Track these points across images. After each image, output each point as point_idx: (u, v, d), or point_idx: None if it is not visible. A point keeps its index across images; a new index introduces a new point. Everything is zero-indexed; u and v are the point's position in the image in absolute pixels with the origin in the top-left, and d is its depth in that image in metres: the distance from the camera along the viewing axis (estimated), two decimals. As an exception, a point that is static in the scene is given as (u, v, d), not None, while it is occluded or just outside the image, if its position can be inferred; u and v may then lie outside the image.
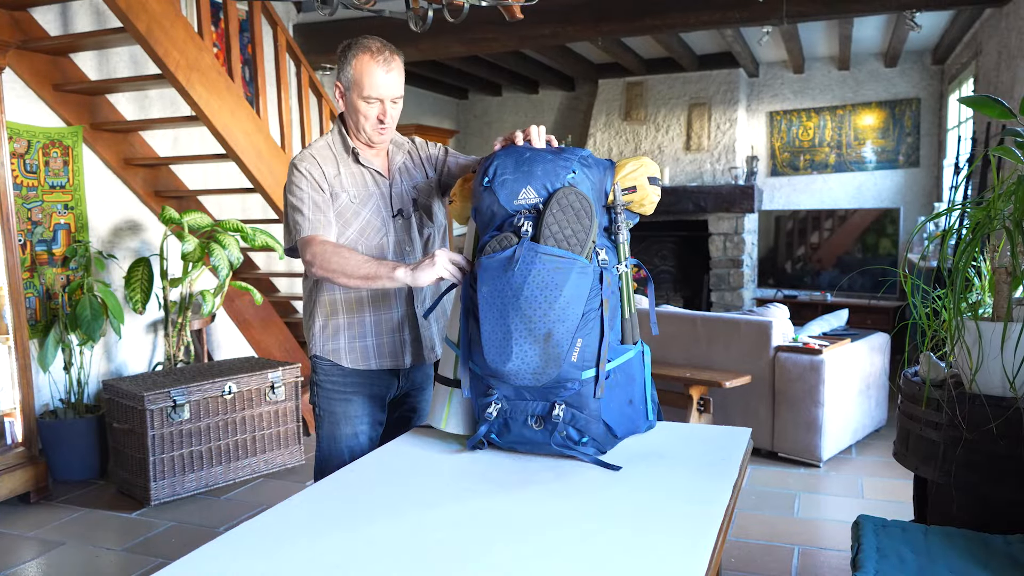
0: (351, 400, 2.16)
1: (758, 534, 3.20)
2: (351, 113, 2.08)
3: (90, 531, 3.38)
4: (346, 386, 2.16)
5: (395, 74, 2.05)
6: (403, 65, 2.09)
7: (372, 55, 2.01)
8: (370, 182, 2.13)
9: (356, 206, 2.09)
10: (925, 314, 2.39)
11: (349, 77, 2.04)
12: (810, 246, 7.24)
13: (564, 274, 1.66)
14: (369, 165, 2.13)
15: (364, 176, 2.12)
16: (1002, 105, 2.29)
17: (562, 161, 1.77)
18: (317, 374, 2.17)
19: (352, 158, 2.12)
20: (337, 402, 2.16)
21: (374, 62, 2.01)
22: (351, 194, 2.09)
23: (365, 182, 2.12)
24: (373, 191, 2.12)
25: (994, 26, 5.05)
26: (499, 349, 1.69)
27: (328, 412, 2.17)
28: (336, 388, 2.15)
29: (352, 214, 2.08)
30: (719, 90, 7.32)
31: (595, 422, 1.74)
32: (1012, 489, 2.14)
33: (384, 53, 2.03)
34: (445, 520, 1.49)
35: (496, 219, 1.77)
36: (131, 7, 3.62)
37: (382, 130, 2.08)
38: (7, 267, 3.56)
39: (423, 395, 2.32)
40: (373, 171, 2.13)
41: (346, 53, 2.05)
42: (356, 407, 2.17)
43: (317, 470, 2.19)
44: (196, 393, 3.71)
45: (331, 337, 2.14)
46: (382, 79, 2.02)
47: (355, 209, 2.09)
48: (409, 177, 2.20)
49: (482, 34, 5.31)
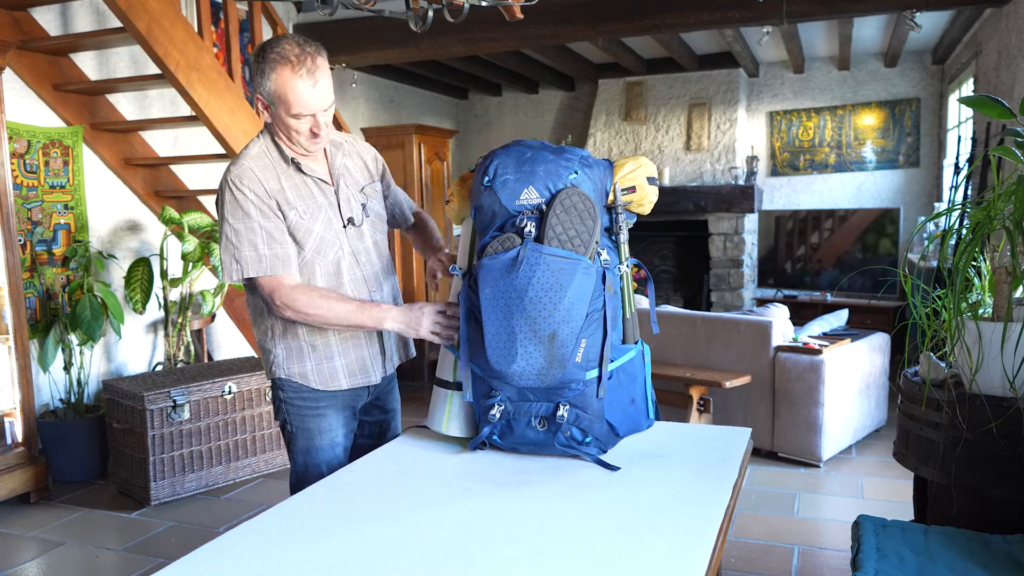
0: (325, 415, 2.03)
1: (758, 534, 3.20)
2: (281, 127, 1.89)
3: (90, 531, 3.38)
4: (318, 400, 2.02)
5: (322, 84, 1.83)
6: (327, 65, 1.86)
7: (293, 68, 1.78)
8: (316, 192, 1.95)
9: (307, 222, 1.92)
10: (925, 314, 2.39)
11: (270, 91, 1.83)
12: (810, 246, 7.24)
13: (568, 275, 1.67)
14: (312, 173, 1.95)
15: (309, 186, 1.95)
16: (1002, 105, 2.29)
17: (564, 161, 1.76)
18: (284, 391, 2.02)
19: (293, 167, 1.93)
20: (310, 418, 2.02)
21: (296, 77, 1.79)
22: (300, 210, 1.91)
23: (312, 193, 1.95)
24: (321, 202, 1.95)
25: (994, 26, 5.05)
26: (503, 350, 1.69)
27: (301, 429, 2.02)
28: (307, 404, 2.02)
29: (304, 232, 1.91)
30: (719, 90, 7.32)
31: (598, 422, 1.75)
32: (1012, 489, 2.14)
33: (305, 63, 1.79)
34: (445, 520, 1.49)
35: (497, 219, 1.77)
36: (131, 7, 3.62)
37: (316, 140, 1.90)
38: (7, 267, 3.56)
39: (391, 395, 2.25)
40: (316, 179, 1.96)
41: (263, 62, 1.81)
42: (330, 420, 2.04)
43: (293, 485, 2.04)
44: (196, 393, 3.71)
45: (296, 360, 1.99)
46: (308, 94, 1.81)
47: (307, 226, 1.92)
48: (353, 180, 2.05)
49: (482, 34, 5.31)
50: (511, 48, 5.69)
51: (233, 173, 1.88)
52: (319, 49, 1.85)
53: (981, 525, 2.15)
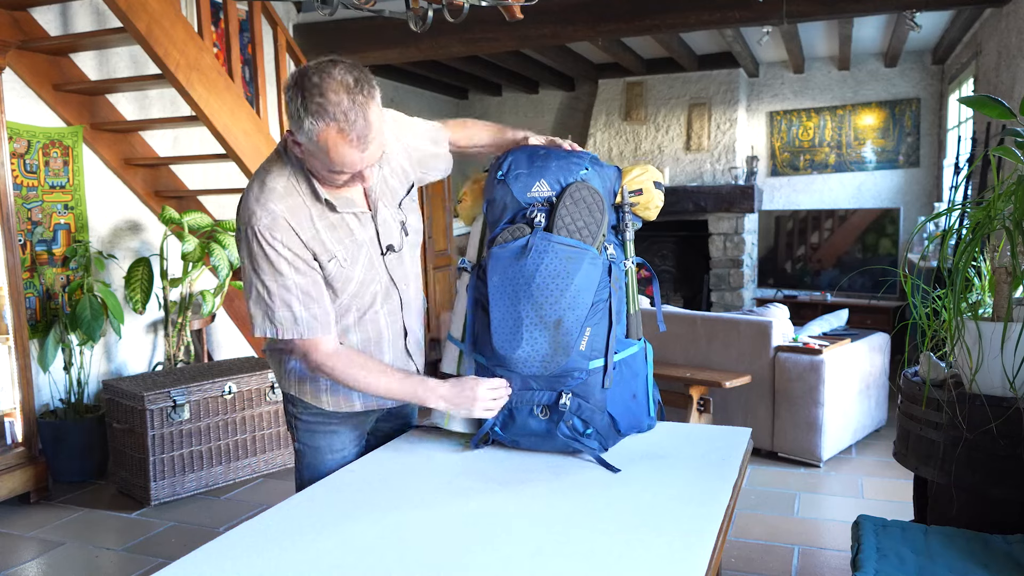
0: (336, 432, 1.90)
1: (758, 534, 3.20)
2: (317, 169, 1.62)
3: (90, 531, 3.38)
4: (329, 420, 1.88)
5: (374, 145, 1.55)
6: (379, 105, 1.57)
7: (342, 133, 1.50)
8: (356, 227, 1.71)
9: (347, 270, 1.70)
10: (925, 314, 2.39)
11: (312, 144, 1.54)
12: (810, 246, 7.24)
13: (576, 263, 1.71)
14: (348, 209, 1.70)
15: (347, 223, 1.70)
16: (1002, 105, 2.29)
17: (575, 158, 1.85)
18: (296, 407, 1.89)
19: (326, 207, 1.67)
20: (320, 435, 1.90)
21: (345, 143, 1.51)
22: (339, 258, 1.68)
23: (350, 230, 1.70)
24: (361, 239, 1.72)
25: (994, 26, 5.05)
26: (509, 336, 1.72)
27: (310, 447, 1.90)
28: (319, 422, 1.89)
29: (344, 280, 1.71)
30: (719, 90, 7.32)
31: (600, 413, 1.77)
32: (1012, 489, 2.14)
33: (356, 126, 1.50)
34: (445, 519, 1.49)
35: (508, 211, 1.83)
36: (131, 7, 3.62)
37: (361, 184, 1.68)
38: (7, 267, 3.56)
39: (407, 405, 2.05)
40: (353, 213, 1.72)
41: (303, 106, 1.50)
42: (342, 438, 1.91)
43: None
44: (196, 393, 3.71)
45: (310, 380, 1.83)
46: (356, 158, 1.55)
47: (347, 274, 1.70)
48: (392, 197, 1.80)
49: (482, 34, 5.31)
50: (511, 48, 5.69)
51: (262, 222, 1.60)
52: (370, 94, 1.53)
53: (981, 525, 2.15)
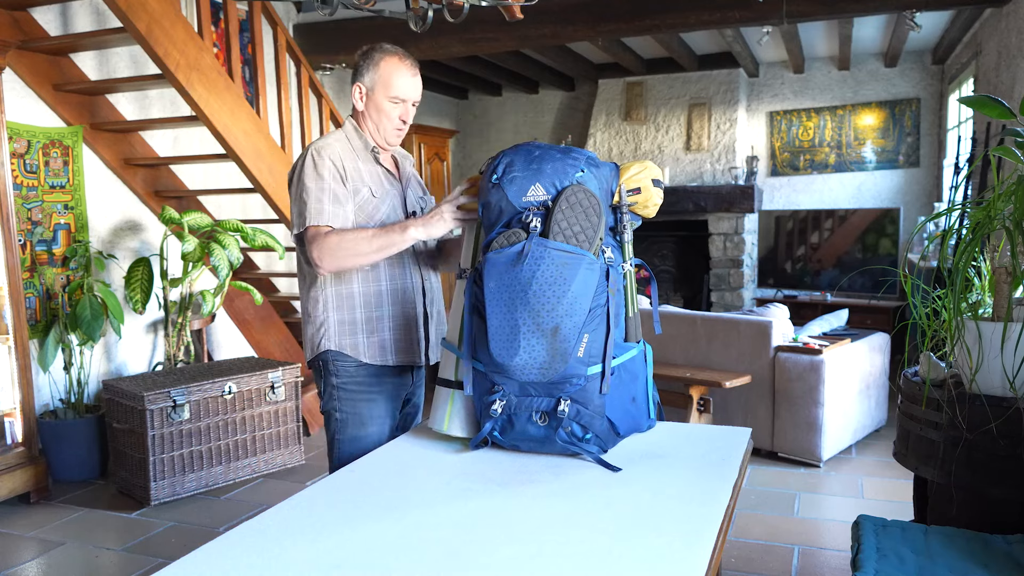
0: (375, 400, 2.15)
1: (758, 534, 3.20)
2: (373, 113, 2.14)
3: (90, 531, 3.38)
4: (371, 386, 2.14)
5: (418, 79, 2.17)
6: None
7: (400, 58, 2.13)
8: (387, 183, 2.18)
9: (377, 201, 2.12)
10: (925, 314, 2.39)
11: (375, 77, 2.12)
12: (810, 246, 7.24)
13: (573, 269, 1.69)
14: (387, 165, 2.20)
15: (380, 176, 2.17)
16: (1002, 105, 2.29)
17: (571, 160, 1.80)
18: (338, 376, 2.13)
19: (372, 156, 2.16)
20: (362, 403, 2.14)
21: (403, 65, 2.12)
22: (372, 189, 2.12)
23: (382, 181, 2.17)
24: (390, 190, 2.18)
25: (994, 26, 5.05)
26: (506, 343, 1.70)
27: (353, 414, 2.13)
28: (361, 389, 2.13)
29: (373, 208, 2.11)
30: (719, 90, 7.32)
31: (599, 418, 1.75)
32: (1012, 489, 2.14)
33: (409, 59, 2.15)
34: (445, 520, 1.49)
35: (504, 215, 1.80)
36: (131, 7, 3.62)
37: (400, 132, 2.18)
38: (7, 267, 3.56)
39: (419, 390, 2.37)
40: (388, 172, 2.20)
41: (371, 55, 2.13)
42: (380, 407, 2.16)
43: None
44: (196, 393, 3.71)
45: (348, 332, 2.12)
46: (409, 81, 2.13)
47: (376, 204, 2.12)
48: (418, 187, 2.32)
49: (482, 34, 5.31)
50: (511, 48, 5.69)
51: (315, 145, 2.09)
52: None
53: (981, 525, 2.15)
